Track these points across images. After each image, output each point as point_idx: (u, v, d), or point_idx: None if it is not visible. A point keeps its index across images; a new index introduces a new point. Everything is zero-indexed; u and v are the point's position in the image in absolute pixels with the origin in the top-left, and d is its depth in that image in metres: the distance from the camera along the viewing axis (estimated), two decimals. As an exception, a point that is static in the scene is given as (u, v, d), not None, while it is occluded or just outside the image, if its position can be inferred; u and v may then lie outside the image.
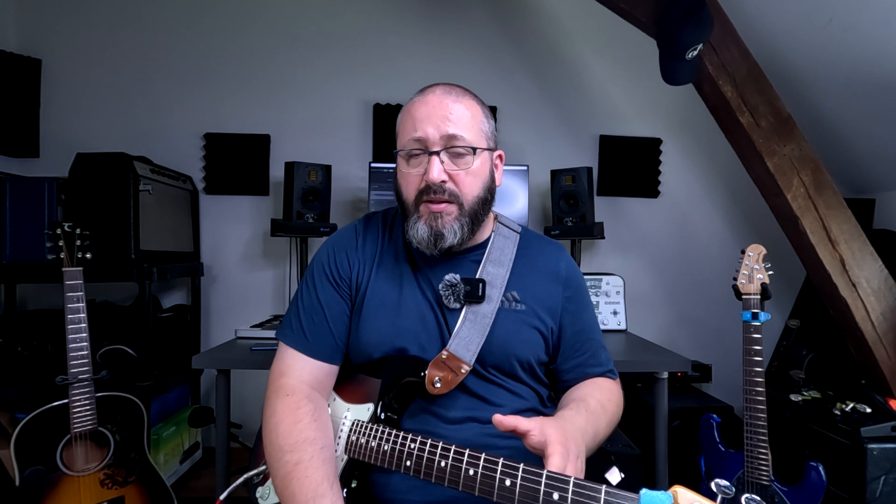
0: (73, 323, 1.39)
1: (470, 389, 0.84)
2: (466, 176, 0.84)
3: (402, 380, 0.82)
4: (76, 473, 1.36)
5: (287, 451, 0.78)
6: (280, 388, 0.85)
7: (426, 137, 0.82)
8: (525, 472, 0.62)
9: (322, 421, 0.83)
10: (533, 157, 2.41)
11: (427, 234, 0.83)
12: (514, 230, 0.97)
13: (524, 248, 0.94)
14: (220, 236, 2.42)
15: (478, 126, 0.87)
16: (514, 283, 0.89)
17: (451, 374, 0.81)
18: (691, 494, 0.49)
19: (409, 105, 0.87)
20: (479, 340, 0.83)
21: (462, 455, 0.67)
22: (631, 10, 1.83)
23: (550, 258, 0.94)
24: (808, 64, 1.91)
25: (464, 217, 0.84)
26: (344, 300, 0.89)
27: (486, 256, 0.90)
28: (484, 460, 0.65)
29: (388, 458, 0.75)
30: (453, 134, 0.83)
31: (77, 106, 2.35)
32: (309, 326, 0.88)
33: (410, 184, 0.85)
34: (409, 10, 2.45)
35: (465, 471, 0.66)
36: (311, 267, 0.93)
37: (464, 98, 0.87)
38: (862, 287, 1.79)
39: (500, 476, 0.63)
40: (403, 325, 0.86)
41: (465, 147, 0.84)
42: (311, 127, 2.43)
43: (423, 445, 0.72)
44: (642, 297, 2.48)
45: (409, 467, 0.72)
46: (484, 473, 0.65)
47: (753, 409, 1.35)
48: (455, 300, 0.85)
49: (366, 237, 0.94)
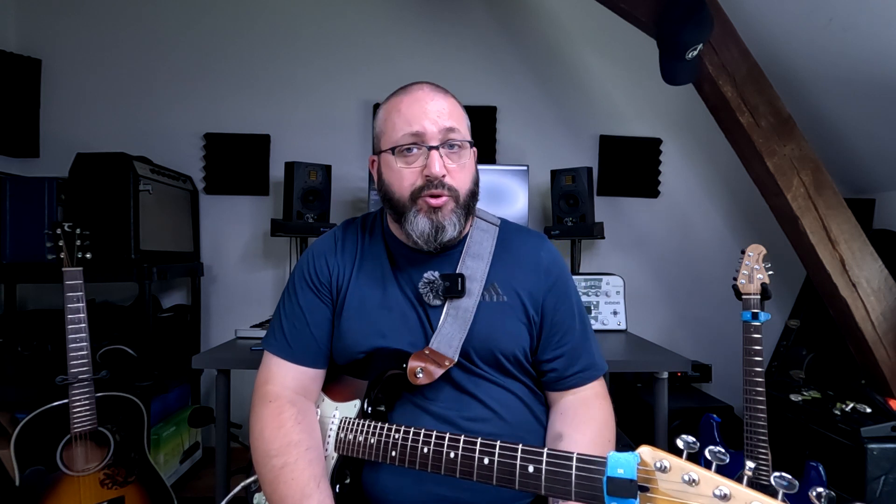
0: (73, 323, 1.39)
1: (456, 383, 0.84)
2: (462, 170, 0.85)
3: (385, 373, 0.83)
4: (76, 473, 1.36)
5: (273, 455, 0.78)
6: (264, 395, 0.86)
7: (424, 132, 0.82)
8: (501, 449, 0.64)
9: (307, 423, 0.83)
10: (533, 157, 2.41)
11: (429, 228, 0.83)
12: (492, 223, 0.96)
13: (504, 241, 0.94)
14: (220, 236, 2.42)
15: (465, 122, 0.89)
16: (495, 275, 0.89)
17: (434, 364, 0.81)
18: (657, 452, 0.50)
19: (395, 102, 0.86)
20: (460, 336, 0.83)
21: (443, 439, 0.70)
22: (631, 10, 1.83)
23: (531, 249, 0.93)
24: (808, 64, 1.91)
25: (459, 209, 0.85)
26: (325, 305, 0.90)
27: (465, 251, 0.90)
28: (463, 442, 0.68)
29: (374, 450, 0.76)
30: (451, 127, 0.83)
31: (77, 106, 2.35)
32: (291, 333, 0.88)
33: (405, 180, 0.84)
34: (409, 10, 2.45)
35: (447, 454, 0.68)
36: (293, 276, 0.94)
37: (449, 95, 0.89)
38: (862, 287, 1.79)
39: (479, 455, 0.66)
40: (386, 325, 0.86)
41: (462, 140, 0.85)
42: (311, 127, 2.43)
43: (407, 434, 0.74)
44: (642, 297, 2.48)
45: (394, 457, 0.74)
46: (464, 455, 0.67)
47: (753, 409, 1.35)
48: (435, 297, 0.85)
49: (345, 242, 0.94)
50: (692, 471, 0.48)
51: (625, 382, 2.19)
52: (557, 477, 0.59)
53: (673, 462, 0.49)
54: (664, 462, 0.50)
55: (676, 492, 0.48)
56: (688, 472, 0.48)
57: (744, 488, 0.45)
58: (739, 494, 0.45)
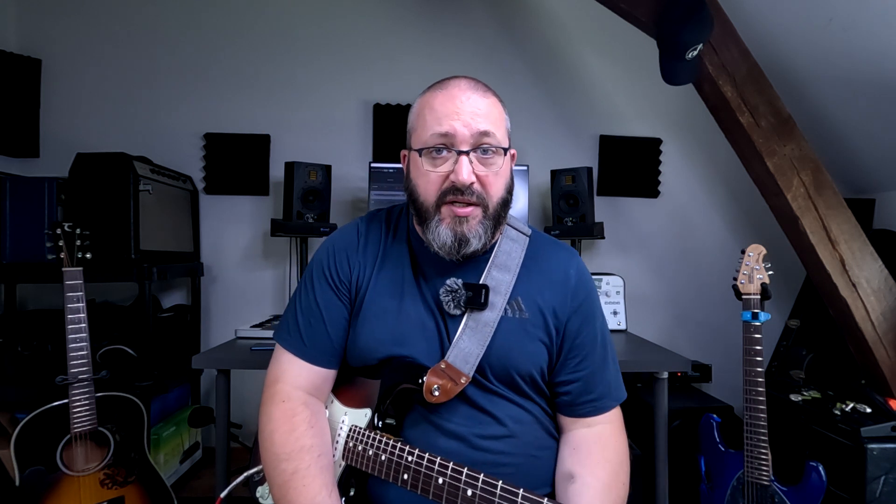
0: (73, 323, 1.39)
1: (471, 400, 0.80)
2: (494, 178, 0.79)
3: (398, 386, 0.79)
4: (76, 473, 1.36)
5: (284, 459, 0.77)
6: (276, 393, 0.83)
7: (454, 133, 0.76)
8: (524, 499, 0.61)
9: (319, 427, 0.81)
10: (533, 157, 2.41)
11: (451, 240, 0.78)
12: (523, 233, 0.90)
13: (533, 253, 0.88)
14: (220, 236, 2.42)
15: (504, 124, 0.82)
16: (520, 289, 0.84)
17: (451, 382, 0.77)
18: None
19: (429, 97, 0.80)
20: (478, 352, 0.79)
21: (460, 474, 0.67)
22: (631, 10, 1.83)
23: (560, 264, 0.88)
24: (808, 64, 1.91)
25: (487, 220, 0.79)
26: (343, 304, 0.86)
27: (492, 261, 0.85)
28: (482, 482, 0.65)
29: (384, 468, 0.74)
30: (485, 131, 0.77)
31: (77, 106, 2.35)
32: (307, 330, 0.85)
33: (431, 183, 0.78)
34: (410, 10, 2.45)
35: (463, 490, 0.66)
36: (311, 267, 0.89)
37: (489, 94, 0.81)
38: (862, 287, 1.79)
39: (499, 500, 0.63)
40: (403, 332, 0.82)
41: (497, 146, 0.79)
42: (311, 127, 2.43)
43: (421, 459, 0.71)
44: (642, 297, 2.48)
45: (405, 480, 0.71)
46: (482, 496, 0.64)
47: (753, 409, 1.35)
48: (455, 306, 0.80)
49: (367, 238, 0.89)
50: None
51: (625, 382, 2.18)
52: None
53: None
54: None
55: None
56: None
57: None
58: None
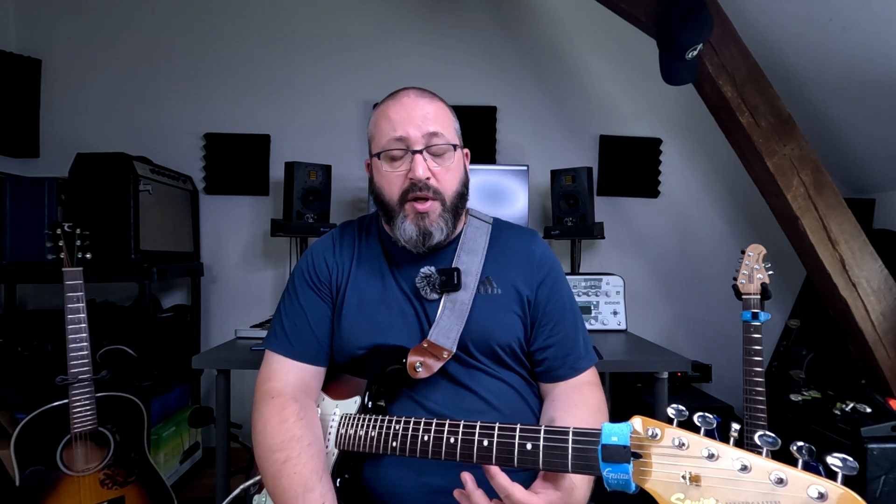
0: (73, 323, 1.39)
1: (451, 376, 0.86)
2: (447, 173, 0.88)
3: (386, 369, 0.84)
4: (76, 473, 1.36)
5: (275, 449, 0.80)
6: (266, 391, 0.87)
7: (408, 136, 0.85)
8: (500, 430, 0.66)
9: (308, 419, 0.84)
10: (533, 157, 2.41)
11: (416, 234, 0.86)
12: (485, 221, 1.00)
13: (497, 237, 0.97)
14: (220, 236, 2.42)
15: (451, 125, 0.91)
16: (489, 269, 0.92)
17: (433, 358, 0.83)
18: (649, 421, 0.54)
19: (383, 108, 0.90)
20: (458, 327, 0.86)
21: (443, 426, 0.71)
22: (631, 10, 1.83)
23: (523, 244, 0.97)
24: (808, 64, 1.91)
25: (447, 213, 0.88)
26: (325, 303, 0.93)
27: (460, 247, 0.94)
28: (463, 426, 0.70)
29: (375, 443, 0.78)
30: (434, 132, 0.86)
31: (77, 106, 2.35)
32: (292, 331, 0.90)
33: (393, 184, 0.87)
34: (410, 10, 2.45)
35: (447, 440, 0.70)
36: (292, 276, 0.97)
37: (436, 99, 0.91)
38: (862, 287, 1.79)
39: (479, 438, 0.68)
40: (384, 321, 0.89)
41: (446, 144, 0.87)
42: (311, 127, 2.43)
43: (407, 424, 0.75)
44: (642, 297, 2.48)
45: (395, 448, 0.75)
46: (463, 439, 0.69)
47: (753, 409, 1.35)
48: (432, 290, 0.88)
49: (342, 242, 0.98)
50: (682, 436, 0.51)
51: (625, 382, 2.19)
52: (555, 451, 0.61)
53: (663, 429, 0.52)
54: (655, 430, 0.53)
55: (668, 455, 0.51)
56: (678, 437, 0.51)
57: (730, 447, 0.49)
58: (726, 453, 0.48)
